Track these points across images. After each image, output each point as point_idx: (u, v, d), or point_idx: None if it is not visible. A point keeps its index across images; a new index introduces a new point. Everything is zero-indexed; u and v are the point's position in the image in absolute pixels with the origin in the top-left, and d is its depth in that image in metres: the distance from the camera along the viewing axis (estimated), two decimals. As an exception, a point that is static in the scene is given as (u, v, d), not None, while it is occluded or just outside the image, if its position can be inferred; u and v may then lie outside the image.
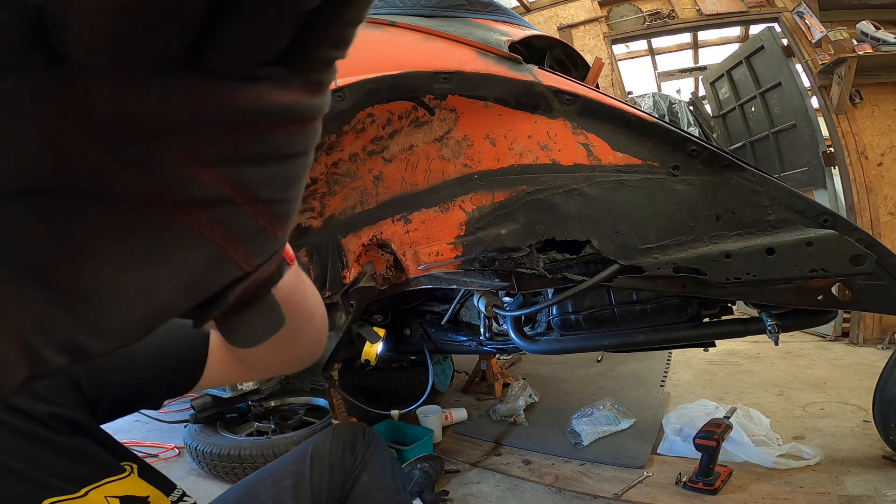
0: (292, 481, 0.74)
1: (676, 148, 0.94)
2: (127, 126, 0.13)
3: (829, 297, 0.92)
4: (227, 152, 0.14)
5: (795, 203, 0.90)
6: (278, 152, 0.16)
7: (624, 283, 1.01)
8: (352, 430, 0.85)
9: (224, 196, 0.15)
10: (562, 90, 0.99)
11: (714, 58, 4.90)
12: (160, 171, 0.14)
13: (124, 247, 0.14)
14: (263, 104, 0.14)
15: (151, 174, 0.14)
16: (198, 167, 0.14)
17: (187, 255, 0.16)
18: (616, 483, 1.48)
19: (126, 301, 0.15)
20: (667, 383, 2.35)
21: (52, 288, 0.14)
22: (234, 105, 0.14)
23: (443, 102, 1.09)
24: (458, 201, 1.13)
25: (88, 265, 0.14)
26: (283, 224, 0.18)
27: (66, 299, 0.14)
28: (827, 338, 2.90)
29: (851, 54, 2.61)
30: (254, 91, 0.14)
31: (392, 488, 0.81)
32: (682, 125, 3.92)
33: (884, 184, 2.79)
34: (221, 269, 0.17)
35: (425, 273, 1.21)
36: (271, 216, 0.17)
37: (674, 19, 3.54)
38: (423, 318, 1.74)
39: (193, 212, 0.15)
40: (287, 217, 0.18)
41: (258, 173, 0.15)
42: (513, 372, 2.71)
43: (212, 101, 0.13)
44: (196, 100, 0.13)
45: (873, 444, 1.52)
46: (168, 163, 0.14)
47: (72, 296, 0.14)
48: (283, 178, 0.17)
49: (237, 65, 0.13)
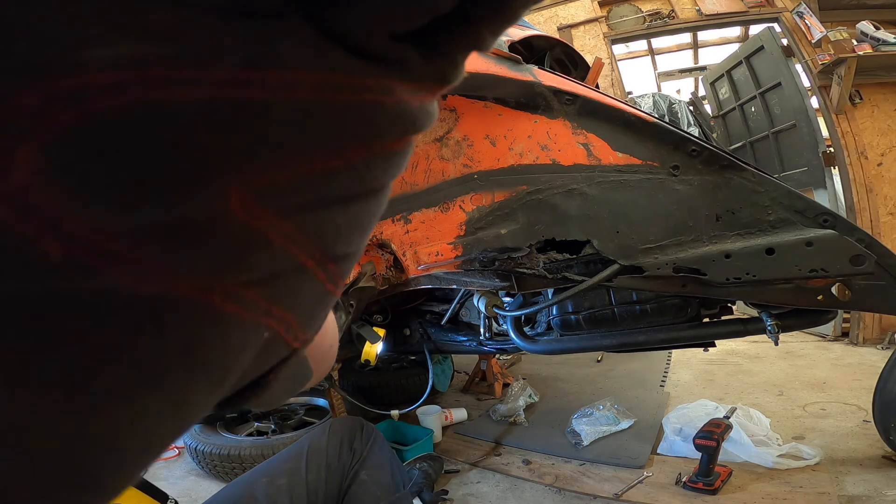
0: (288, 480, 0.73)
1: (676, 148, 0.94)
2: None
3: (829, 297, 0.92)
4: (310, 184, 0.09)
5: (795, 203, 0.90)
6: (371, 183, 0.11)
7: (624, 283, 1.01)
8: (349, 426, 0.84)
9: (293, 263, 0.10)
10: (562, 90, 0.99)
11: (714, 58, 4.90)
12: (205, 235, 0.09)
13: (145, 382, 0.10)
14: (384, 102, 0.09)
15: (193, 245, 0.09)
16: (263, 217, 0.09)
17: (226, 356, 0.11)
18: (616, 483, 1.48)
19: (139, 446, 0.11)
20: (667, 383, 2.35)
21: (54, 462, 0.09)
22: (343, 99, 0.09)
23: (443, 102, 1.09)
24: (458, 201, 1.13)
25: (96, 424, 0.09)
26: (345, 279, 0.13)
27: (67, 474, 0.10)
28: (827, 338, 2.90)
29: (851, 54, 2.61)
30: (378, 78, 0.09)
31: (391, 486, 0.80)
32: (682, 125, 3.92)
33: (883, 184, 2.79)
34: (267, 355, 0.12)
35: (425, 273, 1.21)
36: (340, 275, 0.12)
37: (674, 19, 3.54)
38: (423, 318, 1.74)
39: (247, 296, 0.10)
40: (350, 270, 0.13)
41: (341, 218, 0.11)
42: (513, 372, 2.71)
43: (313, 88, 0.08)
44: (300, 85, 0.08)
45: (873, 444, 1.52)
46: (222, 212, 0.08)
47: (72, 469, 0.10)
48: (365, 223, 0.12)
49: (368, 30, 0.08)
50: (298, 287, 0.11)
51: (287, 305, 0.11)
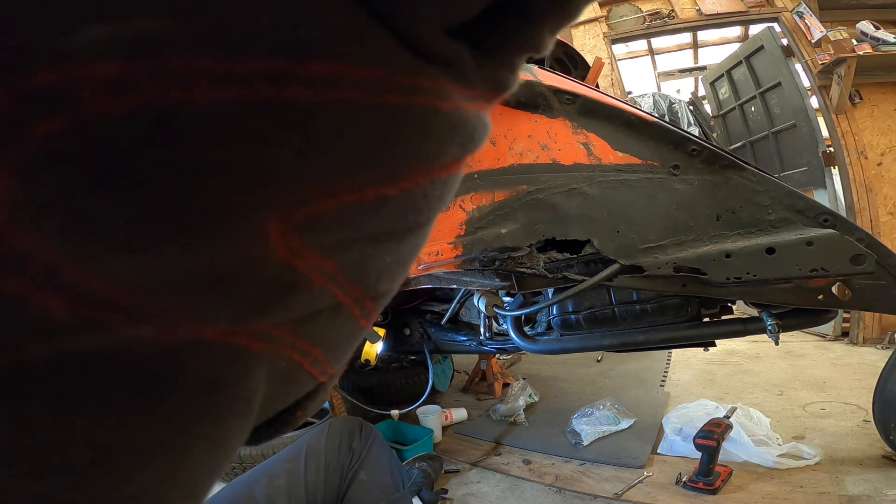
0: (286, 480, 0.72)
1: (676, 147, 0.94)
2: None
3: (829, 297, 0.92)
4: (360, 216, 0.08)
5: (795, 202, 0.90)
6: (426, 215, 0.10)
7: (624, 282, 1.01)
8: (348, 425, 0.83)
9: (331, 303, 0.09)
10: (562, 90, 0.99)
11: (714, 58, 4.90)
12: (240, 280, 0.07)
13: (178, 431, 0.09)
14: (440, 109, 0.08)
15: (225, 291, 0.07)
16: (305, 256, 0.08)
17: (252, 391, 0.10)
18: (616, 483, 1.48)
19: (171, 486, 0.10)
20: (667, 383, 2.35)
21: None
22: (396, 101, 0.07)
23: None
24: (458, 201, 1.13)
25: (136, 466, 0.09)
26: (378, 314, 0.12)
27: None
28: (827, 337, 2.90)
29: (851, 54, 2.61)
30: (433, 78, 0.07)
31: (391, 486, 0.79)
32: (682, 125, 3.92)
33: (883, 183, 2.80)
34: (292, 387, 0.12)
35: (425, 273, 1.21)
36: (376, 311, 0.11)
37: (674, 19, 3.54)
38: (423, 318, 1.74)
39: (276, 334, 0.09)
40: (387, 303, 0.12)
41: (390, 257, 0.10)
42: (513, 372, 2.71)
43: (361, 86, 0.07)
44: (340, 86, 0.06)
45: (873, 443, 1.52)
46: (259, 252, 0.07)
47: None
48: (411, 258, 0.11)
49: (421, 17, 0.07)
50: (331, 324, 0.10)
51: (315, 341, 0.11)
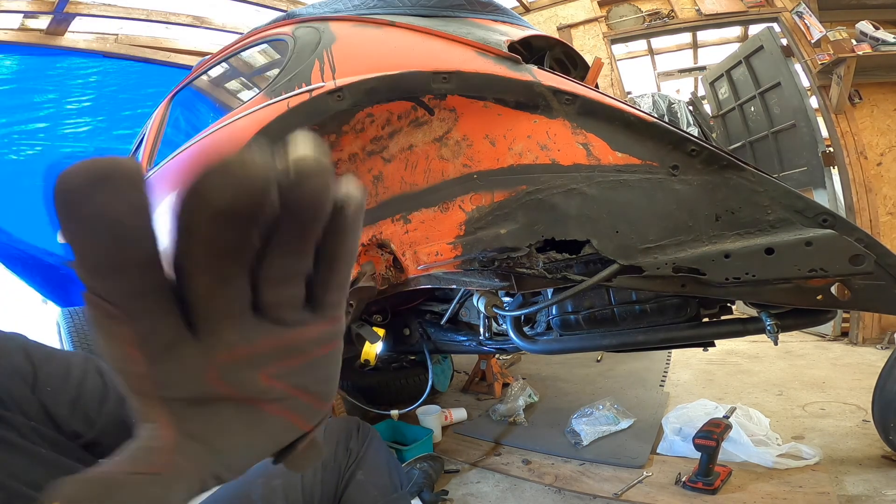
0: (283, 480, 0.72)
1: (676, 148, 0.94)
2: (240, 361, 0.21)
3: (828, 297, 0.92)
4: (289, 370, 0.22)
5: (795, 203, 0.90)
6: (318, 363, 0.23)
7: (623, 282, 1.01)
8: (345, 425, 0.83)
9: (289, 395, 0.23)
10: (561, 90, 0.99)
11: (713, 58, 4.91)
12: (254, 385, 0.21)
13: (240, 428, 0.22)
14: (305, 338, 0.22)
15: (251, 387, 0.21)
16: (272, 381, 0.22)
17: (269, 427, 0.24)
18: (616, 483, 1.48)
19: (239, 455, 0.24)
20: (666, 383, 2.35)
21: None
22: (291, 340, 0.21)
23: (442, 102, 1.09)
24: (457, 201, 1.13)
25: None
26: (326, 401, 0.26)
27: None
28: (826, 338, 2.90)
29: (850, 54, 2.62)
30: (298, 331, 0.22)
31: (389, 486, 0.79)
32: (682, 125, 3.92)
33: (883, 183, 2.80)
34: (289, 432, 0.25)
35: (425, 273, 1.21)
36: (318, 399, 0.25)
37: (673, 19, 3.54)
38: (422, 318, 1.74)
39: (271, 405, 0.23)
40: (329, 397, 0.26)
41: (309, 377, 0.23)
42: (512, 372, 2.71)
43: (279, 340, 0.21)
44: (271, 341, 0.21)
45: (873, 443, 1.52)
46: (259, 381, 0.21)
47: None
48: (326, 377, 0.25)
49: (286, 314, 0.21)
50: (294, 403, 0.24)
51: (290, 409, 0.24)
